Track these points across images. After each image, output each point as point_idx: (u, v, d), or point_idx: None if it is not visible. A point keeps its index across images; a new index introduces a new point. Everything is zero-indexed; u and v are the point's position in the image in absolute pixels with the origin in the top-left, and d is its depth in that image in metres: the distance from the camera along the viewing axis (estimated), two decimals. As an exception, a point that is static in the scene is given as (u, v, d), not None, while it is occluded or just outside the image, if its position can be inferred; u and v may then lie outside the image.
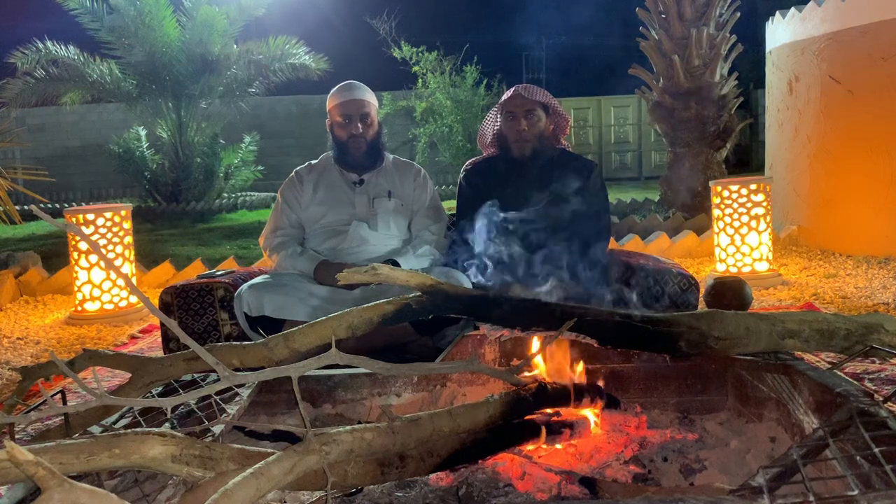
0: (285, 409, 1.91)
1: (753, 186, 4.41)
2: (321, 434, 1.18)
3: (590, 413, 1.67)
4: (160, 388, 1.66)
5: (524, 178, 2.62)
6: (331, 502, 1.20)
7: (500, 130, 2.73)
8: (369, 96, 2.75)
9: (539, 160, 2.64)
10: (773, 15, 6.13)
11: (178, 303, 2.58)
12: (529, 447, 1.54)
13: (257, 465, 1.07)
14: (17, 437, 1.74)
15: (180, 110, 10.67)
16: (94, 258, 4.12)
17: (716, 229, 4.56)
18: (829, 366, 1.62)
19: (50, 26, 10.61)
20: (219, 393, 1.63)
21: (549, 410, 1.60)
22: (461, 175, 2.83)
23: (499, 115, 2.73)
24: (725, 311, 1.60)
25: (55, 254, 6.18)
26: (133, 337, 3.76)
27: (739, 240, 4.43)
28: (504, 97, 2.69)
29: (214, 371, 1.22)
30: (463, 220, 2.77)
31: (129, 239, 4.28)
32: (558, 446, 1.57)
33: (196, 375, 1.74)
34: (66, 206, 10.60)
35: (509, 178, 2.65)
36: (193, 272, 4.82)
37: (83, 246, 4.12)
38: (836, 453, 1.15)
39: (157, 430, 1.13)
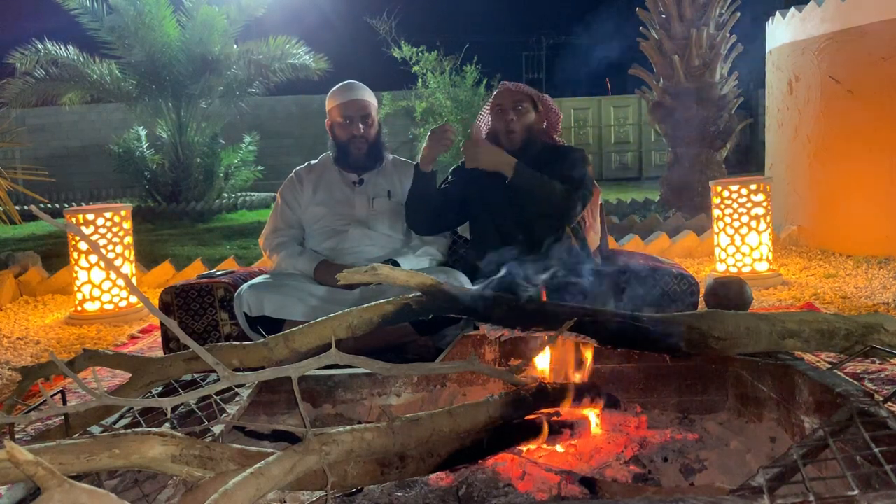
0: (285, 409, 1.91)
1: (753, 186, 4.41)
2: (321, 434, 1.18)
3: (590, 413, 1.67)
4: (160, 388, 1.66)
5: None
6: (331, 502, 1.20)
7: (492, 128, 2.70)
8: (369, 96, 2.75)
9: (528, 154, 2.60)
10: (773, 15, 6.13)
11: (178, 303, 2.58)
12: (530, 447, 1.54)
13: (257, 465, 1.07)
14: (17, 437, 1.74)
15: (180, 110, 10.67)
16: (94, 258, 4.12)
17: (716, 229, 4.56)
18: (829, 366, 1.62)
19: (50, 26, 10.61)
20: (219, 393, 1.62)
21: (549, 410, 1.60)
22: (451, 169, 2.82)
23: (489, 114, 2.71)
24: (725, 311, 1.60)
25: (55, 254, 6.18)
26: (133, 337, 3.76)
27: (739, 240, 4.43)
28: (493, 95, 2.67)
29: (214, 371, 1.22)
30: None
31: (129, 239, 4.28)
32: (559, 448, 1.57)
33: (196, 375, 1.74)
34: (66, 206, 10.60)
35: (499, 173, 2.61)
36: (193, 272, 4.82)
37: (83, 246, 4.12)
38: (836, 453, 1.15)
39: (157, 430, 1.13)
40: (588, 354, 1.75)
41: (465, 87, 12.50)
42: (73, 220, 4.10)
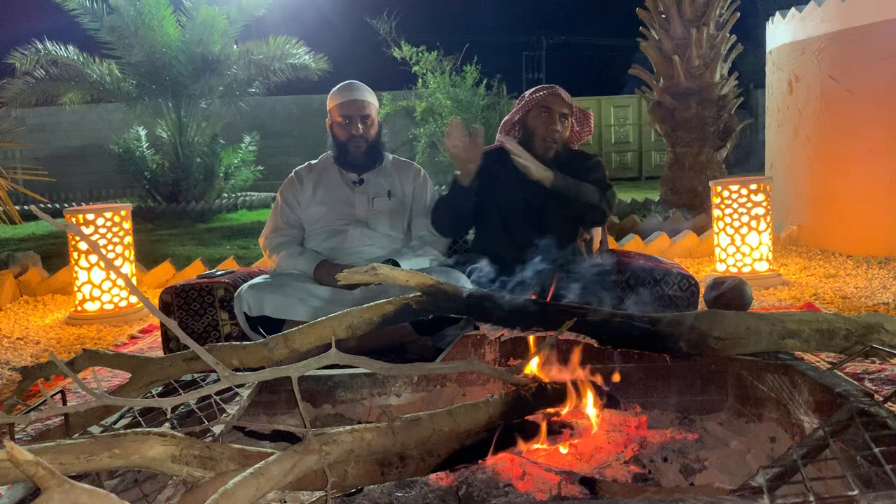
0: (285, 409, 1.91)
1: (753, 186, 4.41)
2: (321, 434, 1.18)
3: (590, 413, 1.67)
4: (160, 388, 1.66)
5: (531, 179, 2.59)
6: (331, 502, 1.20)
7: (525, 121, 2.68)
8: (370, 96, 2.75)
9: (553, 164, 2.61)
10: (773, 15, 6.13)
11: (178, 303, 2.58)
12: (533, 447, 1.54)
13: (257, 465, 1.07)
14: (17, 437, 1.74)
15: (180, 110, 10.68)
16: (94, 258, 4.12)
17: (716, 229, 4.56)
18: (829, 366, 1.62)
19: (50, 26, 10.61)
20: (219, 393, 1.63)
21: (549, 410, 1.60)
22: None
23: (529, 108, 2.67)
24: (725, 311, 1.60)
25: (55, 254, 6.18)
26: (133, 337, 3.76)
27: (739, 240, 4.43)
28: (541, 92, 2.64)
29: (214, 371, 1.22)
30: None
31: (129, 239, 4.28)
32: (562, 450, 1.57)
33: (196, 375, 1.74)
34: (66, 206, 10.60)
35: (517, 173, 2.60)
36: (193, 272, 4.82)
37: (83, 246, 4.12)
38: (836, 453, 1.15)
39: (157, 430, 1.13)
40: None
41: (465, 87, 12.50)
42: (73, 220, 4.10)
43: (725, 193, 4.46)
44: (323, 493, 1.22)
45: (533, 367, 1.70)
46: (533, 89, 2.70)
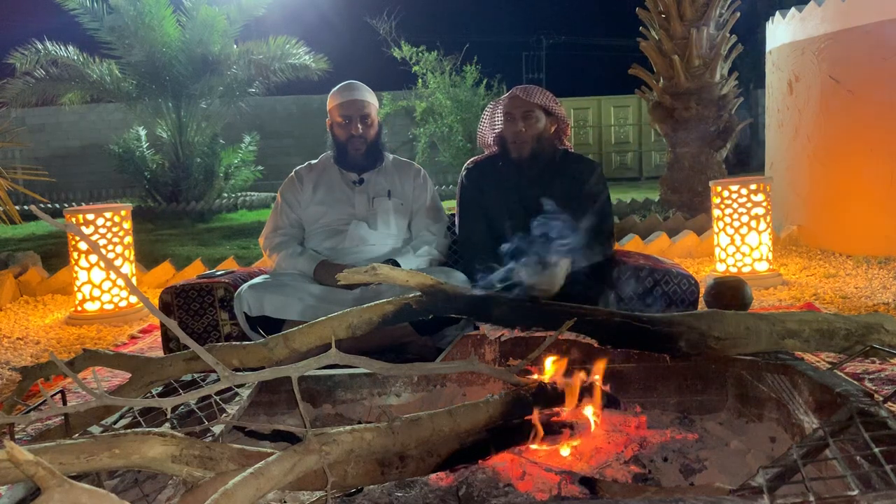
0: (285, 409, 1.91)
1: (753, 186, 4.41)
2: (321, 434, 1.18)
3: (590, 413, 1.66)
4: (160, 388, 1.66)
5: (524, 180, 2.62)
6: (331, 502, 1.20)
7: (502, 134, 2.72)
8: (369, 96, 2.75)
9: (539, 162, 2.62)
10: (773, 15, 6.13)
11: (178, 303, 2.58)
12: (532, 447, 1.54)
13: (257, 465, 1.07)
14: (17, 437, 1.74)
15: (180, 110, 10.68)
16: (94, 258, 4.11)
17: (716, 229, 4.56)
18: (829, 366, 1.62)
19: (50, 26, 10.62)
20: (219, 393, 1.63)
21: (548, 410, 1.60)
22: (462, 173, 2.81)
23: (495, 116, 2.73)
24: (725, 311, 1.60)
25: (55, 254, 6.18)
26: (133, 337, 3.76)
27: (739, 240, 4.43)
28: (501, 102, 2.68)
29: (214, 371, 1.22)
30: (465, 219, 2.75)
31: (129, 239, 4.28)
32: (565, 451, 1.57)
33: (196, 375, 1.74)
34: (66, 206, 10.59)
35: (509, 178, 2.65)
36: (193, 272, 4.82)
37: (83, 246, 4.12)
38: (836, 453, 1.15)
39: (157, 430, 1.13)
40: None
41: (465, 87, 12.51)
42: (73, 220, 4.10)
43: (725, 193, 4.46)
44: (323, 493, 1.22)
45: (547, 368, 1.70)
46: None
